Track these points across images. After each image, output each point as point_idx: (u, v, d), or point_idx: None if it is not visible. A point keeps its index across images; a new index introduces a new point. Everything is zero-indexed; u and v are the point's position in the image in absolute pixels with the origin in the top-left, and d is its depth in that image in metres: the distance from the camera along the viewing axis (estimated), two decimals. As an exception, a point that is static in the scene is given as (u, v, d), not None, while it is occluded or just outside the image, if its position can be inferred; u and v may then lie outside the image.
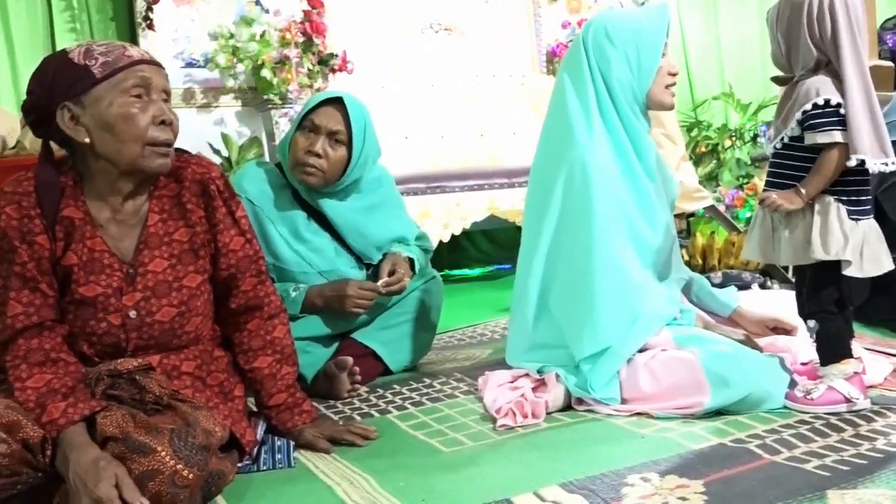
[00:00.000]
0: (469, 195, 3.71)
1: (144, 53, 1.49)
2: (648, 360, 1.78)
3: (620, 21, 1.91)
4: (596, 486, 1.36)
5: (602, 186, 1.83)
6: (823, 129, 1.60)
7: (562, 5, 4.60)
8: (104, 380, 1.40)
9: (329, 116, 2.08)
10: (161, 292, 1.51)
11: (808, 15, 1.62)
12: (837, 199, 1.62)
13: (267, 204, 2.14)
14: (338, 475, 1.50)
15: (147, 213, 1.53)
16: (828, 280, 1.66)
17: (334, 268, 2.18)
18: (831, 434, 1.52)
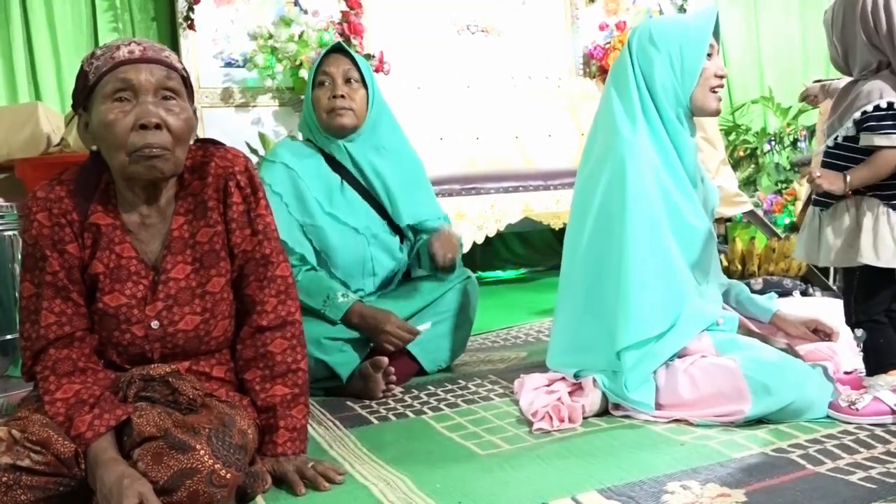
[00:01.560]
0: (504, 197, 3.71)
1: (137, 51, 1.39)
2: (688, 366, 1.75)
3: (665, 24, 1.91)
4: (635, 492, 1.34)
5: (644, 177, 1.81)
6: (884, 131, 1.57)
7: (599, 7, 4.57)
8: (136, 383, 1.38)
9: (337, 63, 2.19)
10: (183, 300, 1.46)
11: (862, 14, 1.59)
12: (888, 205, 1.59)
13: (302, 168, 2.20)
14: (374, 476, 1.50)
15: (172, 215, 1.48)
16: (878, 288, 1.63)
17: (367, 226, 2.23)
18: (877, 445, 1.49)
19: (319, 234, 2.19)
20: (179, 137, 1.40)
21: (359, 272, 2.25)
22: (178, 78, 1.42)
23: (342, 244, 2.20)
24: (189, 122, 1.42)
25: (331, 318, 2.07)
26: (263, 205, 1.53)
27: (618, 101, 1.90)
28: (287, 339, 1.52)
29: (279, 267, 1.53)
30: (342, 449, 1.67)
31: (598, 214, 1.86)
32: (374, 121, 2.25)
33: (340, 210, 2.21)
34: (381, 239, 2.26)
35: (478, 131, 4.08)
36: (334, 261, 2.21)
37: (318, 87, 2.20)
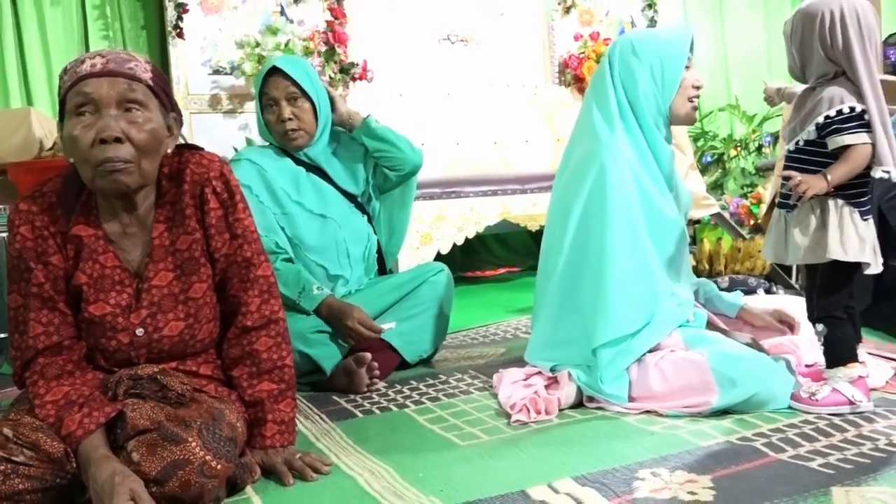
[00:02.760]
0: (483, 200, 3.72)
1: (100, 64, 1.34)
2: (659, 360, 1.78)
3: (646, 37, 1.95)
4: (608, 479, 1.36)
5: (622, 179, 1.84)
6: (850, 132, 1.59)
7: (574, 18, 4.59)
8: (125, 382, 1.38)
9: (277, 84, 2.20)
10: (167, 307, 1.44)
11: (820, 30, 1.62)
12: (850, 204, 1.62)
13: (267, 163, 2.23)
14: (359, 466, 1.51)
15: (152, 223, 1.45)
16: (839, 283, 1.66)
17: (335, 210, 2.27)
18: (835, 434, 1.52)
19: (290, 221, 2.21)
20: (143, 149, 1.36)
21: (333, 254, 2.26)
22: (142, 89, 1.36)
23: (313, 230, 2.23)
24: (154, 134, 1.37)
25: (304, 308, 2.08)
26: (241, 208, 1.51)
27: (597, 110, 1.92)
28: (272, 336, 1.52)
29: (261, 268, 1.52)
30: (328, 441, 1.68)
31: (580, 218, 1.88)
32: (325, 125, 2.28)
33: (308, 198, 2.24)
34: (350, 220, 2.30)
35: (458, 137, 4.09)
36: (308, 245, 2.22)
37: (266, 110, 2.23)
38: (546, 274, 1.98)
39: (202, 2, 3.82)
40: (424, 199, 3.57)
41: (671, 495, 1.27)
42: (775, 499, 1.23)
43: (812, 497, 1.23)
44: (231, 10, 3.87)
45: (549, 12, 4.52)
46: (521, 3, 4.48)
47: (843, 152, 1.60)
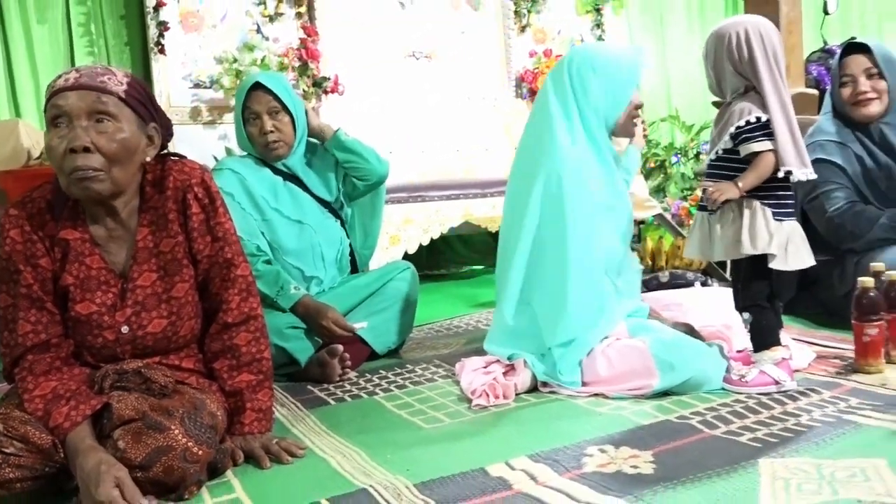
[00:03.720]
0: (447, 203, 3.73)
1: (72, 78, 1.33)
2: (605, 347, 1.80)
3: (604, 53, 1.95)
4: (559, 456, 1.38)
5: (580, 182, 1.85)
6: (757, 140, 1.64)
7: (529, 36, 4.63)
8: (110, 376, 1.37)
9: (259, 99, 2.19)
10: (151, 305, 1.43)
11: (728, 47, 1.66)
12: (763, 203, 1.66)
13: (247, 172, 2.22)
14: (332, 449, 1.51)
15: (137, 227, 1.45)
16: (758, 276, 1.70)
17: (311, 217, 2.26)
18: (762, 411, 1.55)
19: (269, 227, 2.20)
20: (113, 158, 1.34)
21: (309, 257, 2.26)
22: (114, 101, 1.34)
23: (290, 235, 2.22)
24: (125, 143, 1.35)
25: (282, 306, 2.08)
26: (222, 212, 1.51)
27: (558, 111, 1.91)
28: (251, 332, 1.51)
29: (240, 268, 1.52)
30: (303, 427, 1.68)
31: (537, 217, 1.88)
32: (302, 136, 2.29)
33: (285, 206, 2.23)
34: (324, 225, 2.30)
35: (423, 146, 4.08)
36: (286, 249, 2.22)
37: (248, 124, 2.21)
38: (504, 269, 1.99)
39: (183, 20, 3.78)
40: (393, 202, 3.57)
41: (616, 469, 1.30)
42: (709, 470, 1.26)
43: (741, 468, 1.27)
44: (210, 28, 3.83)
45: (506, 31, 4.55)
46: (480, 23, 4.50)
47: (753, 159, 1.65)
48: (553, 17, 4.69)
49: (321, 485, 1.33)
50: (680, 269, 3.02)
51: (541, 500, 1.20)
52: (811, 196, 2.36)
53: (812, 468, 1.24)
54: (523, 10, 4.56)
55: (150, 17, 3.67)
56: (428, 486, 1.28)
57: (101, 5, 3.74)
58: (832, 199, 2.31)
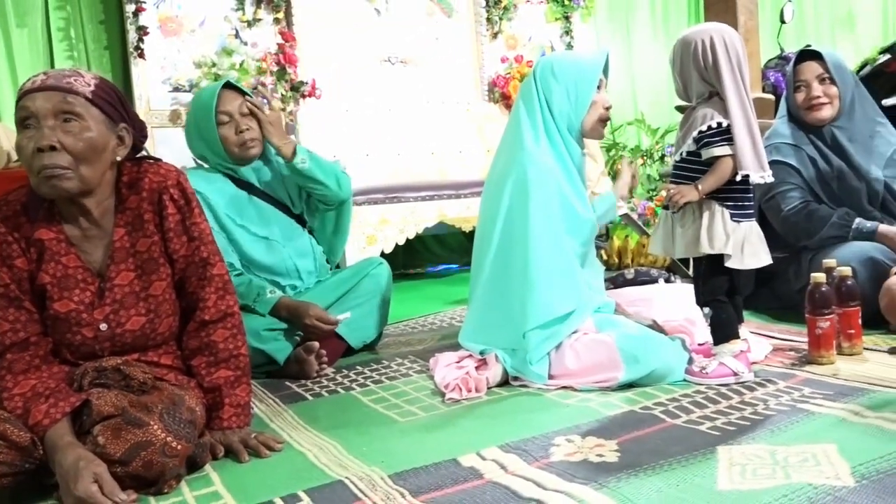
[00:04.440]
0: (421, 204, 3.74)
1: (39, 80, 1.33)
2: (573, 342, 1.82)
3: (565, 60, 1.98)
4: (528, 446, 1.39)
5: (543, 181, 1.87)
6: (718, 144, 1.67)
7: (501, 42, 4.65)
8: (90, 373, 1.36)
9: (232, 100, 2.15)
10: (129, 303, 1.42)
11: (694, 54, 1.69)
12: (721, 204, 1.69)
13: (210, 190, 2.14)
14: (309, 443, 1.51)
15: (113, 227, 1.44)
16: (717, 272, 1.73)
17: (279, 231, 2.22)
18: (721, 401, 1.58)
19: (237, 246, 2.16)
20: (80, 157, 1.34)
21: (282, 270, 2.23)
22: (81, 101, 1.34)
23: (258, 252, 2.18)
24: (91, 142, 1.34)
25: (260, 312, 2.06)
26: (197, 213, 1.50)
27: (525, 118, 1.95)
28: (228, 329, 1.51)
29: (216, 266, 1.51)
30: (281, 422, 1.67)
31: (505, 215, 1.90)
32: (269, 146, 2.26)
33: (251, 222, 2.19)
34: (292, 237, 2.26)
35: (399, 148, 4.09)
36: (258, 265, 2.19)
37: (222, 127, 2.14)
38: (478, 267, 2.01)
39: (162, 25, 3.74)
40: (369, 203, 3.57)
41: (582, 458, 1.31)
42: (670, 457, 1.28)
43: (701, 455, 1.29)
44: (189, 32, 3.80)
45: (478, 37, 4.57)
46: (453, 29, 4.51)
47: (714, 162, 1.68)
48: (524, 25, 4.72)
49: (298, 477, 1.33)
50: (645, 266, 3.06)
51: (510, 488, 1.21)
52: (768, 196, 2.41)
53: (767, 454, 1.27)
54: (495, 17, 4.58)
55: (129, 21, 3.64)
56: (402, 476, 1.29)
57: (80, 10, 3.68)
58: (787, 199, 2.36)
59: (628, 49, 5.22)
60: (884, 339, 2.01)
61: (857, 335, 1.88)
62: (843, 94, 2.37)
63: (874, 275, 2.07)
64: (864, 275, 2.06)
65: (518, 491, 1.19)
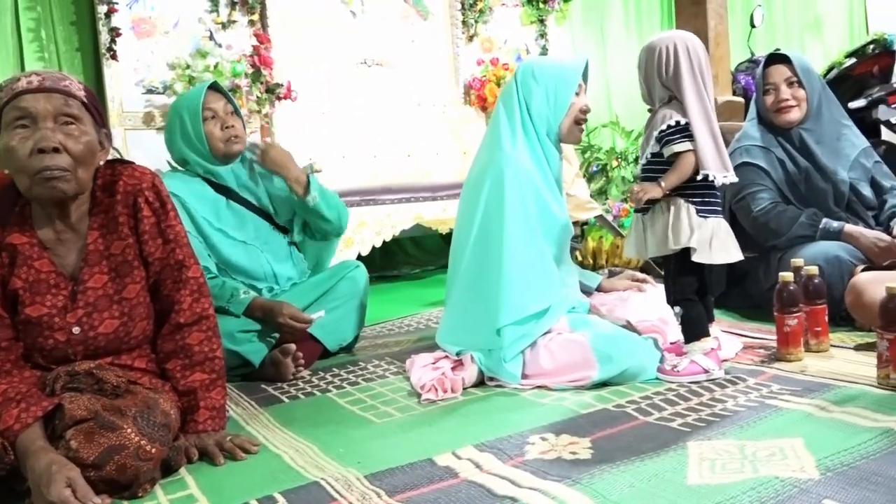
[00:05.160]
0: (398, 207, 3.75)
1: (36, 81, 1.33)
2: (548, 342, 1.84)
3: (546, 64, 2.05)
4: (503, 445, 1.40)
5: (519, 182, 1.89)
6: (678, 141, 1.71)
7: (477, 45, 4.67)
8: (62, 377, 1.35)
9: (217, 100, 2.20)
10: (102, 306, 1.42)
11: (658, 61, 1.74)
12: (687, 201, 1.73)
13: (187, 193, 2.15)
14: (286, 445, 1.51)
15: (87, 230, 1.43)
16: (686, 271, 1.77)
17: (256, 235, 2.24)
18: (692, 398, 1.61)
19: (214, 250, 2.16)
20: (79, 159, 1.35)
21: (260, 276, 2.23)
22: (77, 104, 1.36)
23: (236, 256, 2.19)
24: (90, 146, 1.37)
25: (234, 313, 2.06)
26: (172, 215, 1.50)
27: (504, 121, 1.98)
28: (203, 331, 1.51)
29: (191, 269, 1.51)
30: (257, 424, 1.67)
31: (482, 216, 1.92)
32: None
33: (229, 225, 2.20)
34: (271, 244, 2.27)
35: (375, 150, 4.09)
36: (236, 269, 2.19)
37: (207, 122, 2.16)
38: (455, 268, 2.02)
39: (135, 26, 3.70)
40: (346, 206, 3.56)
41: (556, 456, 1.33)
42: (642, 453, 1.31)
43: (672, 450, 1.31)
44: (163, 34, 3.76)
45: (454, 40, 4.59)
46: (429, 32, 4.52)
47: (675, 159, 1.71)
48: (499, 28, 4.75)
49: (274, 479, 1.33)
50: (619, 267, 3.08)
51: (485, 486, 1.22)
52: (738, 197, 2.45)
53: (736, 449, 1.29)
54: (471, 20, 4.60)
55: (101, 22, 3.59)
56: (378, 476, 1.30)
57: (51, 11, 3.63)
58: (757, 199, 2.40)
59: (603, 52, 5.28)
60: (850, 336, 2.06)
61: (823, 332, 1.92)
62: (810, 97, 2.42)
63: (840, 273, 2.12)
64: (830, 273, 2.11)
65: (493, 489, 1.20)
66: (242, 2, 3.89)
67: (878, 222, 2.39)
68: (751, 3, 5.44)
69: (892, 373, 1.57)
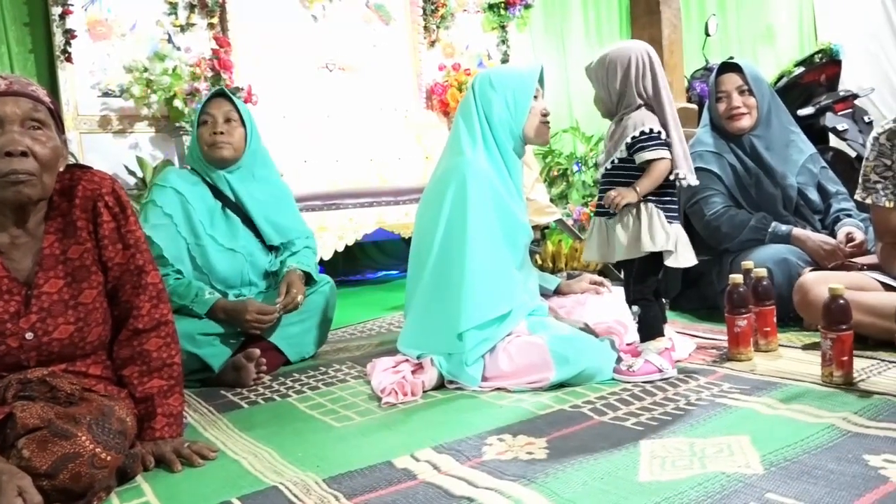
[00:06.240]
0: (361, 211, 3.75)
1: (3, 85, 1.33)
2: (507, 344, 1.86)
3: (501, 72, 2.06)
4: (461, 446, 1.42)
5: (481, 189, 1.91)
6: (651, 148, 1.75)
7: (438, 51, 4.71)
8: (14, 385, 1.32)
9: (219, 105, 2.24)
10: (57, 311, 1.40)
11: (634, 69, 1.78)
12: (657, 206, 1.77)
13: (189, 193, 2.20)
14: (244, 451, 1.51)
15: (43, 234, 1.42)
16: (649, 273, 1.81)
17: (244, 245, 2.25)
18: (646, 398, 1.65)
19: (202, 252, 2.17)
20: (46, 164, 1.35)
21: (237, 283, 2.24)
22: (44, 110, 1.36)
23: (221, 262, 2.20)
24: (56, 151, 1.37)
25: (198, 312, 2.05)
26: (133, 221, 1.50)
27: (463, 130, 2.00)
28: (161, 337, 1.50)
29: (150, 275, 1.51)
30: (216, 431, 1.66)
31: (445, 223, 1.93)
32: (252, 155, 2.28)
33: (220, 232, 2.21)
34: (256, 257, 2.28)
35: (338, 155, 4.09)
36: (216, 275, 2.19)
37: (202, 126, 2.22)
38: (416, 273, 2.03)
39: (91, 28, 3.65)
40: (307, 210, 3.55)
41: (513, 456, 1.35)
42: (596, 452, 1.34)
43: (625, 449, 1.35)
44: (119, 36, 3.72)
45: (416, 45, 4.61)
46: (391, 37, 4.55)
47: (647, 166, 1.76)
48: (461, 33, 4.80)
49: (232, 484, 1.33)
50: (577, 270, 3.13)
51: (442, 487, 1.24)
52: (692, 201, 2.52)
53: (686, 446, 1.33)
54: (433, 25, 4.64)
55: (55, 24, 3.54)
56: (336, 480, 1.30)
57: (3, 12, 3.56)
58: (710, 204, 2.47)
59: (563, 59, 5.35)
60: (798, 335, 2.13)
61: (772, 332, 1.99)
62: (760, 105, 2.50)
63: (788, 275, 2.20)
64: (778, 275, 2.18)
65: (450, 490, 1.22)
66: (202, 5, 3.87)
67: (824, 226, 2.48)
68: (706, 12, 5.57)
69: (835, 370, 1.64)
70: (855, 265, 2.14)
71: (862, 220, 2.40)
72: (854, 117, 4.25)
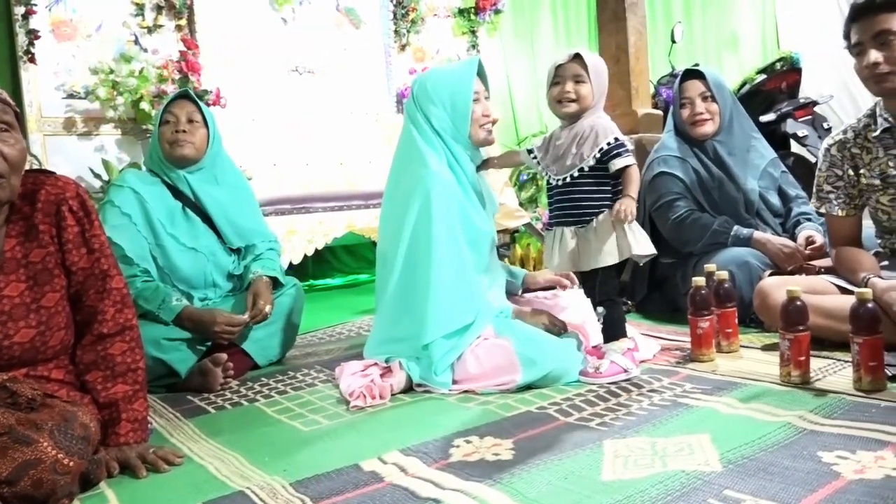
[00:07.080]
0: (330, 215, 3.74)
1: None
2: (474, 347, 1.88)
3: (436, 78, 2.02)
4: (428, 449, 1.43)
5: (446, 199, 1.92)
6: (625, 155, 1.80)
7: (409, 54, 4.72)
8: None
9: (182, 106, 2.24)
10: (18, 315, 1.38)
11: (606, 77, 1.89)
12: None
13: (147, 193, 2.19)
14: (211, 456, 1.50)
15: (4, 237, 1.40)
16: (615, 274, 1.86)
17: (206, 245, 2.24)
18: (610, 399, 1.68)
19: (163, 252, 2.16)
20: (14, 166, 1.35)
21: (201, 284, 2.23)
22: (11, 113, 1.37)
23: (183, 262, 2.19)
24: (24, 153, 1.37)
25: (164, 319, 2.03)
26: (97, 225, 1.49)
27: (417, 137, 1.99)
28: (126, 342, 1.49)
29: (115, 279, 1.50)
30: (182, 436, 1.65)
31: (411, 233, 1.94)
32: (213, 156, 2.28)
33: (181, 232, 2.20)
34: (218, 257, 2.27)
35: (307, 158, 4.07)
36: (178, 275, 2.18)
37: (164, 125, 2.21)
38: (383, 282, 2.04)
39: (55, 29, 3.59)
40: (276, 214, 3.54)
41: (480, 457, 1.37)
42: (561, 452, 1.36)
43: (589, 449, 1.37)
44: (85, 37, 3.66)
45: (386, 49, 4.62)
46: (362, 40, 4.55)
47: (622, 172, 1.79)
48: (431, 38, 4.81)
49: (198, 489, 1.32)
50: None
51: (409, 489, 1.24)
52: (657, 205, 2.57)
53: (648, 445, 1.36)
54: (403, 29, 4.65)
55: (18, 24, 3.47)
56: (303, 483, 1.30)
57: (-37, 11, 3.48)
58: (674, 207, 2.52)
59: (533, 63, 5.40)
60: (758, 336, 2.18)
61: (734, 334, 2.03)
62: (723, 111, 2.56)
63: (749, 278, 2.25)
64: (740, 278, 2.24)
65: (416, 492, 1.23)
66: (169, 6, 3.83)
67: (784, 229, 2.55)
68: (672, 19, 5.67)
69: (792, 370, 1.68)
70: (813, 268, 2.20)
71: (821, 224, 2.46)
72: (814, 124, 4.37)
